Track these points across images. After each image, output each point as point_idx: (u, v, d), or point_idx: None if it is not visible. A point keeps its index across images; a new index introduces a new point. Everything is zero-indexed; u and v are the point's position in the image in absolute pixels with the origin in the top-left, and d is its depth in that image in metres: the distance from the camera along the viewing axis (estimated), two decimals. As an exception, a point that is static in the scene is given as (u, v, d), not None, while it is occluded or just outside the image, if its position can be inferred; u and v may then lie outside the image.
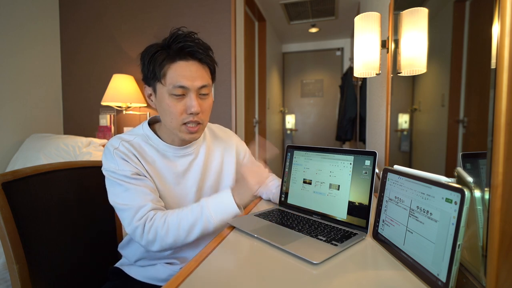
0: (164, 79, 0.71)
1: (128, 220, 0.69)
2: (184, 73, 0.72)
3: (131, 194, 0.70)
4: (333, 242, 0.64)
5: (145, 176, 0.74)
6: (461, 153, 0.58)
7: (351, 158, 0.77)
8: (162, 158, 0.79)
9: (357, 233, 0.69)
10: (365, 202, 0.72)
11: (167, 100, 0.72)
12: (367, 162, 0.74)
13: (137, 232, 0.68)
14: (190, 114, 0.73)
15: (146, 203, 0.69)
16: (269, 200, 1.05)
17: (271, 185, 1.04)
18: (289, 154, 0.94)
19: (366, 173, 0.73)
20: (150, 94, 0.78)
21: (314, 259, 0.56)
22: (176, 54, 0.72)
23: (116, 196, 0.71)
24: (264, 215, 0.84)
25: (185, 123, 0.74)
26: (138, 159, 0.75)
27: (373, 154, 0.72)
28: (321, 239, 0.66)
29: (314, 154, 0.87)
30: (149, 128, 0.80)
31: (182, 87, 0.71)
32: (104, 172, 0.74)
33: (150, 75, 0.73)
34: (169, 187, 0.79)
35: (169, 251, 0.76)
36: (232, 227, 0.74)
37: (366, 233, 0.70)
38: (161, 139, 0.80)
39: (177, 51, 0.72)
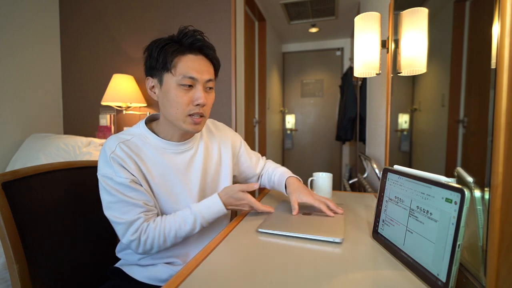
0: (175, 70, 0.73)
1: (121, 233, 0.71)
2: (194, 65, 0.75)
3: (124, 206, 0.71)
4: None
5: (141, 185, 0.74)
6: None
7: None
8: (162, 156, 0.79)
9: None
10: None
11: (174, 90, 0.74)
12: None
13: (132, 245, 0.72)
14: (197, 105, 0.75)
15: (139, 216, 0.71)
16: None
17: (270, 173, 1.04)
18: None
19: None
20: (153, 86, 0.79)
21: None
22: (187, 48, 0.75)
23: (109, 207, 0.72)
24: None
25: (190, 115, 0.75)
26: (136, 162, 0.74)
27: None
28: None
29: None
30: (146, 127, 0.80)
31: (191, 78, 0.74)
32: (99, 177, 0.73)
33: (158, 65, 0.74)
34: (172, 184, 0.79)
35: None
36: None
37: None
38: (159, 136, 0.80)
39: (188, 45, 0.75)
